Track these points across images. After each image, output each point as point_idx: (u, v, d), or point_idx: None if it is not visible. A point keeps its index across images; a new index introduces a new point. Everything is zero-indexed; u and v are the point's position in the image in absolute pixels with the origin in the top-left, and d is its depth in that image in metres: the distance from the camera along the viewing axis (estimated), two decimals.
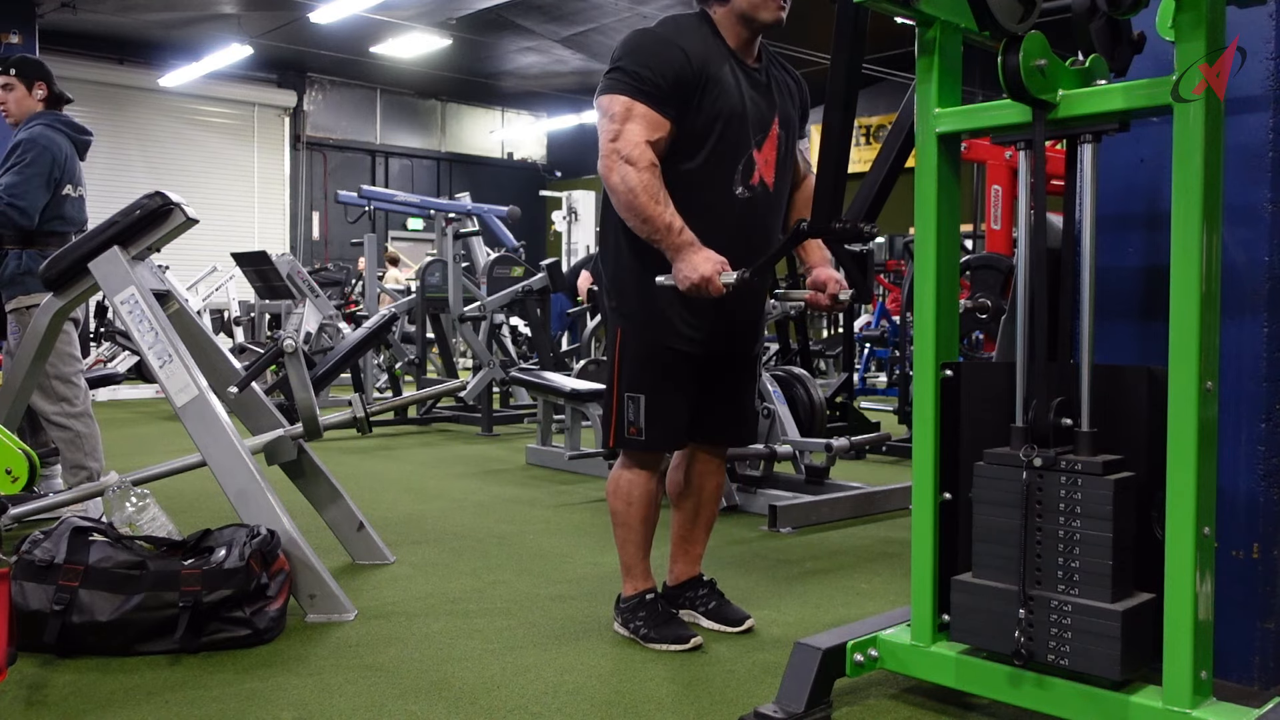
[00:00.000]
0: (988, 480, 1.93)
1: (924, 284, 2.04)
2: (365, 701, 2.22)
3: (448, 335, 7.94)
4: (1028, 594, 1.85)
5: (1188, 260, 1.69)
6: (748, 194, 2.44)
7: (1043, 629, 1.83)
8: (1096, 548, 1.78)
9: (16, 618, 2.29)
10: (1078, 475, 1.81)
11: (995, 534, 1.91)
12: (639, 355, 2.50)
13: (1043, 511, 1.85)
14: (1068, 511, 1.82)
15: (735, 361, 2.61)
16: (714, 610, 2.72)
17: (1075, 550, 1.81)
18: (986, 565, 1.93)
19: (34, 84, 3.93)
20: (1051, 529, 1.84)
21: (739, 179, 2.43)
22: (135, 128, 14.80)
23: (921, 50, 2.00)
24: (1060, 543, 1.83)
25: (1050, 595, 1.83)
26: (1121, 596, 1.78)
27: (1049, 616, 1.83)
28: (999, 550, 1.90)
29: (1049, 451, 1.84)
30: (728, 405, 2.63)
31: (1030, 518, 1.85)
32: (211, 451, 2.81)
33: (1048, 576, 1.84)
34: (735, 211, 2.44)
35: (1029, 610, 1.84)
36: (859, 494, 4.29)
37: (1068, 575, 1.82)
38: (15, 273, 3.75)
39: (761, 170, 2.46)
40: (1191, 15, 1.68)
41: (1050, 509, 1.84)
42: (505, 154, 19.59)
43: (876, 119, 15.18)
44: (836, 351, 9.53)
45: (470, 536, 3.82)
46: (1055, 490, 1.83)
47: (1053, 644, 1.82)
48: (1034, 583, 1.85)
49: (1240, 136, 1.99)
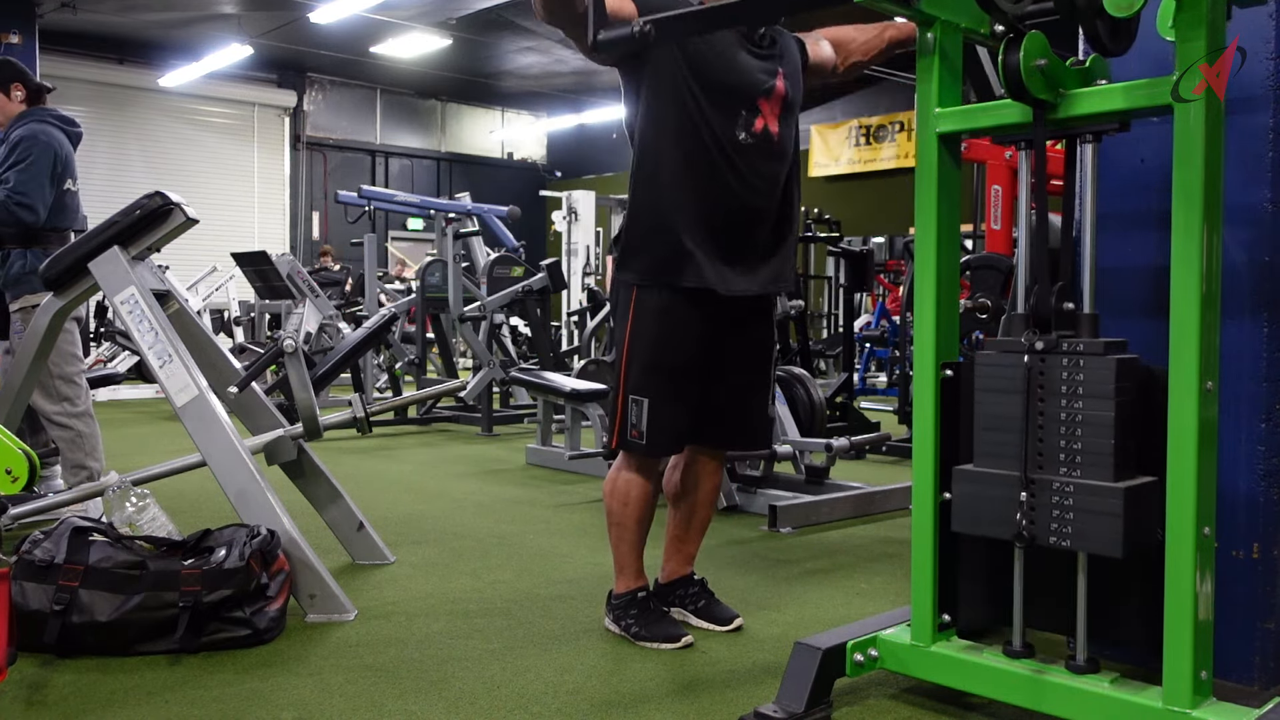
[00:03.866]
0: (989, 367, 1.92)
1: (924, 284, 2.04)
2: (365, 701, 2.22)
3: (448, 335, 7.94)
4: (1030, 477, 1.84)
5: (1188, 260, 1.69)
6: (750, 140, 2.47)
7: (1045, 512, 1.82)
8: (1099, 428, 1.77)
9: (16, 618, 2.30)
10: (1079, 356, 1.80)
11: (997, 421, 1.90)
12: (646, 356, 2.50)
13: (1045, 395, 1.84)
14: (1070, 394, 1.80)
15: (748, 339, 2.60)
16: (704, 609, 2.73)
17: (1077, 431, 1.80)
18: (988, 454, 1.92)
19: (9, 87, 3.85)
20: (1054, 412, 1.82)
21: (740, 124, 2.45)
22: (135, 128, 14.80)
23: (921, 50, 2.01)
24: (1062, 425, 1.81)
25: (1052, 478, 1.82)
26: (1124, 476, 1.77)
27: (1051, 499, 1.81)
28: (1001, 437, 1.89)
29: (1050, 335, 1.83)
30: (737, 411, 2.63)
31: (1032, 401, 1.84)
32: (211, 451, 2.81)
33: (1049, 460, 1.83)
34: (739, 155, 2.46)
35: (1031, 494, 1.83)
36: (859, 494, 4.29)
37: (1070, 457, 1.81)
38: (21, 272, 3.75)
39: (765, 119, 2.49)
40: (1191, 15, 1.68)
41: (1052, 392, 1.83)
42: (505, 154, 19.58)
43: (877, 119, 15.18)
44: (836, 351, 9.54)
45: (470, 536, 3.82)
46: (1057, 373, 1.82)
47: (1054, 525, 1.81)
48: (1036, 467, 1.84)
49: (1240, 136, 1.99)
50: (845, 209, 13.32)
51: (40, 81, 3.96)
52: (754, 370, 2.64)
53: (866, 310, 11.51)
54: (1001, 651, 1.96)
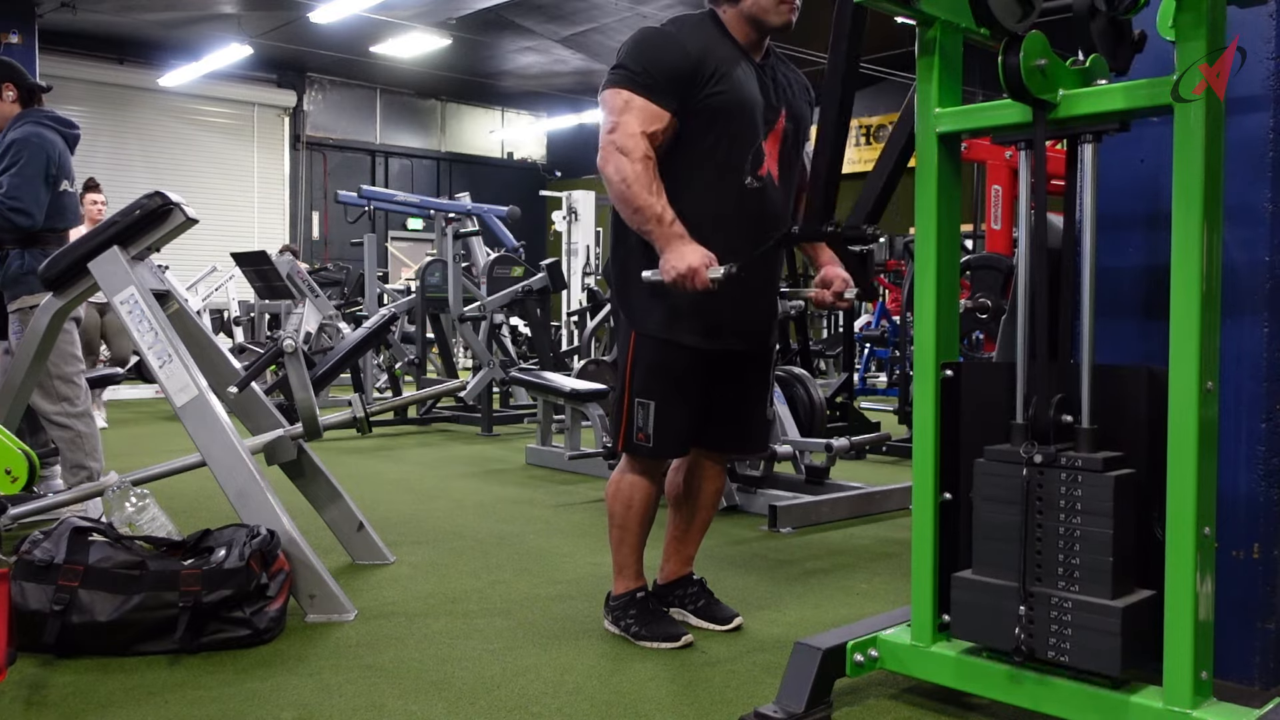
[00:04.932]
0: (988, 477, 1.92)
1: (924, 284, 2.04)
2: (365, 701, 2.22)
3: (448, 335, 7.94)
4: (1028, 590, 1.85)
5: (1188, 260, 1.69)
6: (757, 184, 2.45)
7: (1043, 626, 1.83)
8: (1097, 544, 1.78)
9: (16, 618, 2.30)
10: (1078, 471, 1.80)
11: (996, 530, 1.91)
12: (651, 361, 2.50)
13: (1043, 508, 1.85)
14: (1068, 508, 1.81)
15: (747, 364, 2.61)
16: (703, 609, 2.73)
17: (1076, 547, 1.81)
18: (987, 562, 1.93)
19: (1, 88, 3.80)
20: (1052, 525, 1.84)
21: (748, 169, 2.44)
22: (135, 128, 14.80)
23: (921, 50, 2.00)
24: (1061, 539, 1.82)
25: (1051, 592, 1.83)
26: (1122, 593, 1.78)
27: (1049, 613, 1.83)
28: (999, 547, 1.90)
29: (1049, 448, 1.84)
30: (737, 416, 2.63)
31: (1030, 514, 1.85)
32: (211, 451, 2.81)
33: (1048, 573, 1.84)
34: (747, 201, 2.45)
35: (1029, 607, 1.84)
36: (859, 494, 4.29)
37: (1068, 572, 1.82)
38: (18, 272, 3.74)
39: (769, 162, 2.47)
40: (1192, 15, 1.67)
41: (1051, 505, 1.84)
42: (505, 154, 19.59)
43: (877, 119, 15.18)
44: (836, 351, 9.54)
45: (470, 536, 3.82)
46: (1056, 486, 1.83)
47: (1053, 640, 1.82)
48: (1034, 579, 1.85)
49: (1240, 136, 1.98)
50: (845, 209, 13.27)
51: (35, 81, 3.93)
52: (755, 373, 2.65)
53: (866, 310, 11.50)
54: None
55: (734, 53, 2.44)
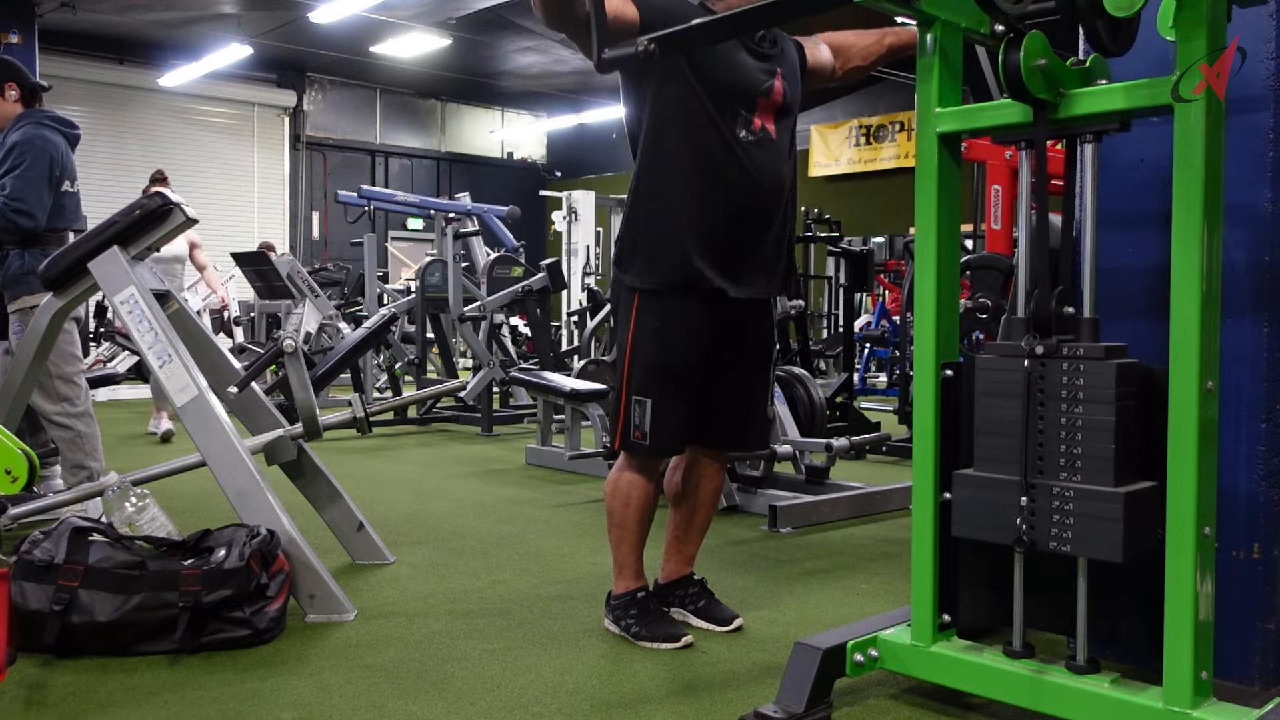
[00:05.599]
0: (989, 372, 1.91)
1: (924, 284, 2.04)
2: (365, 701, 2.22)
3: (448, 335, 7.94)
4: (1030, 482, 1.84)
5: (1188, 260, 1.69)
6: (751, 138, 2.48)
7: (1045, 517, 1.82)
8: (1099, 432, 1.77)
9: (16, 618, 2.30)
10: (1080, 361, 1.80)
11: (997, 425, 1.90)
12: (653, 341, 2.50)
13: (1045, 399, 1.84)
14: (1070, 398, 1.80)
15: (748, 342, 2.60)
16: (703, 609, 2.73)
17: (1078, 436, 1.80)
18: (988, 458, 1.92)
19: (3, 87, 3.80)
20: (1054, 417, 1.82)
21: (740, 123, 2.46)
22: (135, 128, 14.80)
23: (921, 50, 2.01)
24: (1063, 430, 1.81)
25: (1052, 483, 1.82)
26: (1124, 481, 1.77)
27: (1051, 503, 1.81)
28: (1001, 442, 1.89)
29: (1050, 339, 1.83)
30: (736, 414, 2.63)
31: (1032, 406, 1.84)
32: (211, 451, 2.81)
33: (1050, 464, 1.83)
34: (741, 153, 2.47)
35: (1031, 499, 1.83)
36: (859, 494, 4.30)
37: (1070, 462, 1.81)
38: (19, 273, 3.74)
39: (762, 117, 2.50)
40: (1192, 15, 1.68)
41: (1053, 397, 1.83)
42: (505, 154, 19.58)
43: (877, 119, 15.18)
44: (836, 351, 9.54)
45: (470, 536, 3.82)
46: (1057, 377, 1.82)
47: (1055, 531, 1.81)
48: (1036, 471, 1.84)
49: (1240, 136, 1.99)
50: (845, 209, 13.31)
51: (36, 81, 3.94)
52: (754, 371, 2.65)
53: (866, 310, 11.51)
54: (1001, 651, 1.96)
55: None
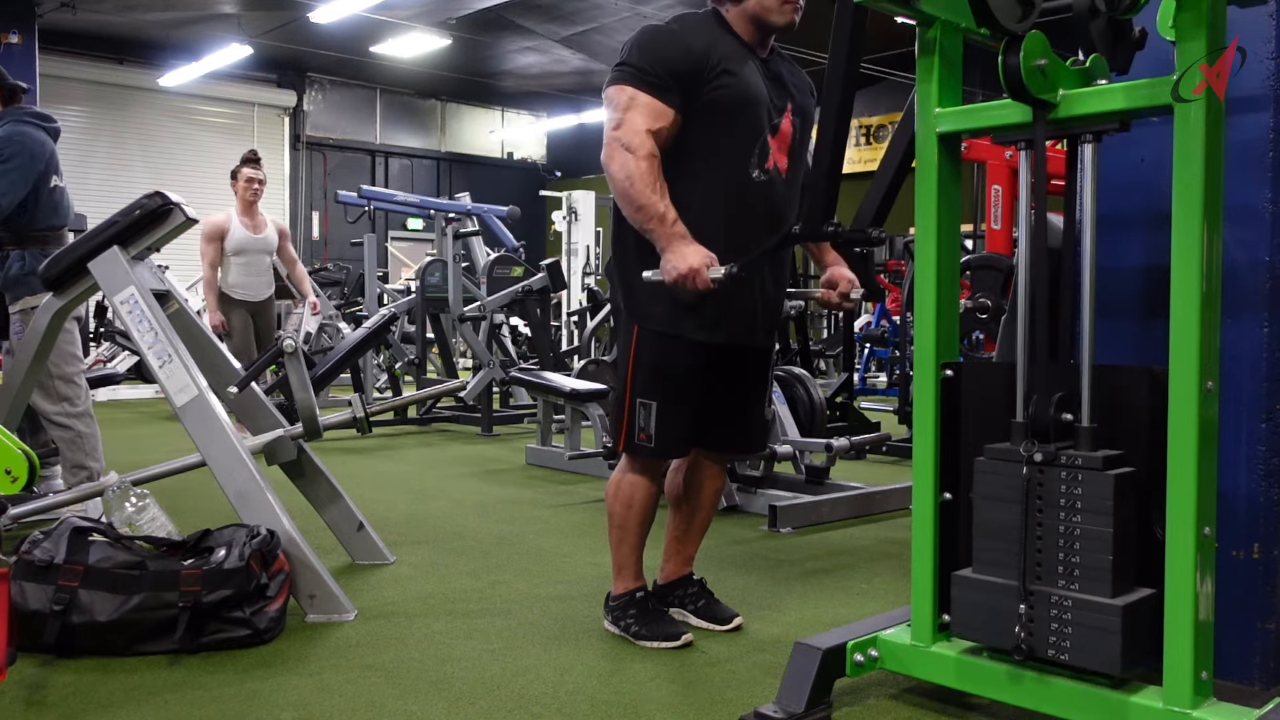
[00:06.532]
0: (988, 475, 1.92)
1: (924, 284, 2.04)
2: (365, 701, 2.22)
3: (448, 335, 7.94)
4: (1028, 589, 1.85)
5: (1188, 260, 1.69)
6: (764, 177, 2.46)
7: (1043, 624, 1.83)
8: (1097, 542, 1.78)
9: (16, 618, 2.30)
10: (1078, 470, 1.80)
11: (996, 529, 1.91)
12: (654, 360, 2.49)
13: (1043, 506, 1.85)
14: (1068, 506, 1.81)
15: (749, 362, 2.61)
16: (703, 609, 2.73)
17: (1076, 545, 1.81)
18: (987, 560, 1.93)
19: None
20: (1052, 524, 1.84)
21: (754, 163, 2.44)
22: (135, 128, 14.80)
23: (922, 50, 2.00)
24: (1061, 538, 1.82)
25: (1051, 590, 1.83)
26: (1122, 591, 1.78)
27: (1049, 611, 1.83)
28: (999, 545, 1.90)
29: (1049, 446, 1.84)
30: (738, 416, 2.63)
31: (1031, 513, 1.85)
32: (211, 451, 2.81)
33: (1048, 571, 1.84)
34: (753, 195, 2.45)
35: (1029, 605, 1.84)
36: (859, 494, 4.29)
37: (1068, 570, 1.82)
38: (20, 273, 3.74)
39: (775, 155, 2.48)
40: (1192, 15, 1.68)
41: (1051, 504, 1.84)
42: (505, 154, 19.58)
43: (877, 119, 15.17)
44: (836, 351, 9.54)
45: (470, 536, 3.82)
46: (1056, 485, 1.83)
47: (1053, 639, 1.82)
48: (1034, 578, 1.85)
49: (1240, 136, 1.98)
50: (845, 209, 13.28)
51: (15, 82, 3.93)
52: (755, 374, 2.65)
53: (866, 310, 11.50)
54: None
55: (738, 49, 2.45)
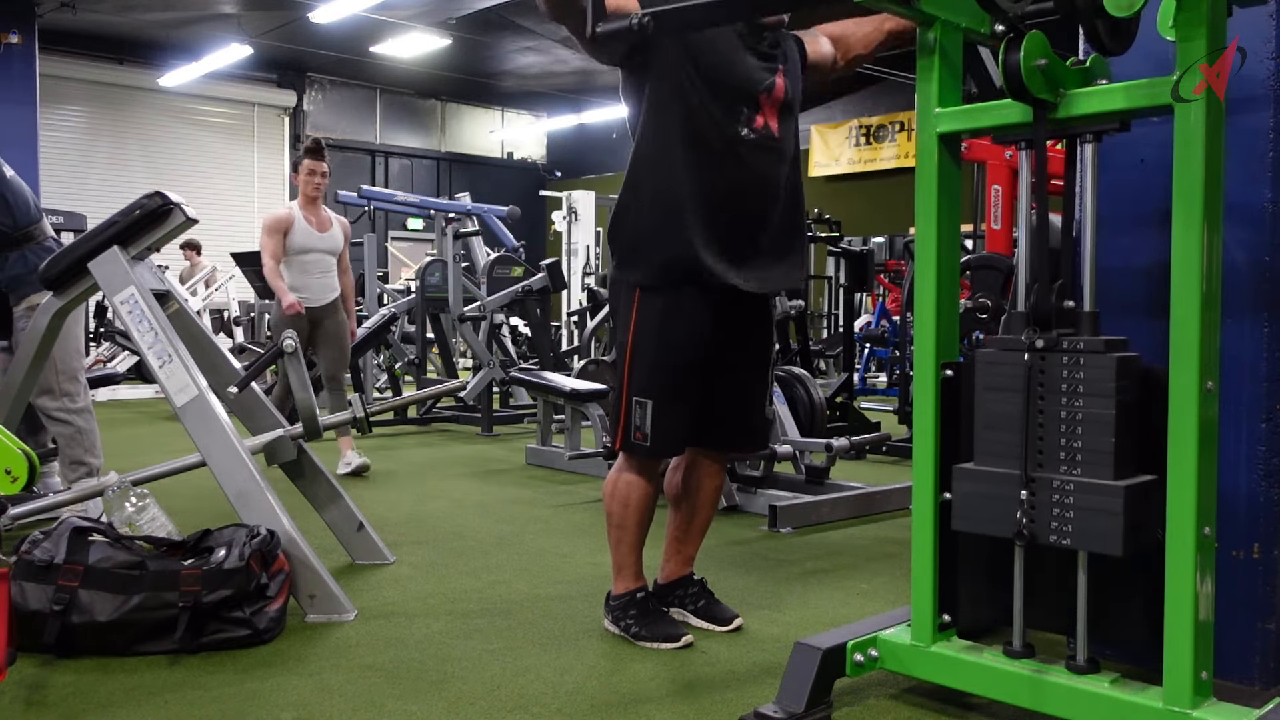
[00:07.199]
0: (990, 365, 1.91)
1: (924, 284, 2.04)
2: (365, 701, 2.22)
3: (448, 335, 7.94)
4: (1030, 476, 1.84)
5: (1188, 260, 1.69)
6: (753, 135, 2.47)
7: (1045, 510, 1.82)
8: (1099, 425, 1.77)
9: (16, 618, 2.30)
10: (1080, 355, 1.80)
11: (997, 419, 1.90)
12: (655, 336, 2.49)
13: (1045, 393, 1.84)
14: (1070, 392, 1.80)
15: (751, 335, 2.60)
16: (703, 609, 2.73)
17: (1078, 430, 1.80)
18: (988, 452, 1.92)
19: None
20: (1054, 410, 1.83)
21: (743, 120, 2.46)
22: (135, 128, 14.80)
23: (922, 50, 2.01)
24: (1063, 423, 1.81)
25: (1053, 476, 1.82)
26: (1124, 475, 1.77)
27: (1051, 497, 1.81)
28: (1001, 436, 1.89)
29: (1050, 333, 1.83)
30: (736, 415, 2.63)
31: (1032, 400, 1.84)
32: (211, 451, 2.81)
33: (1050, 458, 1.83)
34: (742, 151, 2.46)
35: (1031, 492, 1.83)
36: (859, 494, 4.29)
37: (1070, 455, 1.81)
38: (22, 272, 3.74)
39: (765, 115, 2.49)
40: (1192, 15, 1.68)
41: (1053, 390, 1.83)
42: (505, 154, 19.58)
43: (877, 119, 15.18)
44: (836, 351, 9.54)
45: (470, 536, 3.82)
46: (1058, 371, 1.82)
47: (1054, 524, 1.81)
48: (1036, 465, 1.84)
49: (1240, 136, 1.99)
50: (845, 209, 13.32)
51: None
52: (754, 371, 2.65)
53: (866, 310, 11.51)
54: (1001, 651, 1.96)
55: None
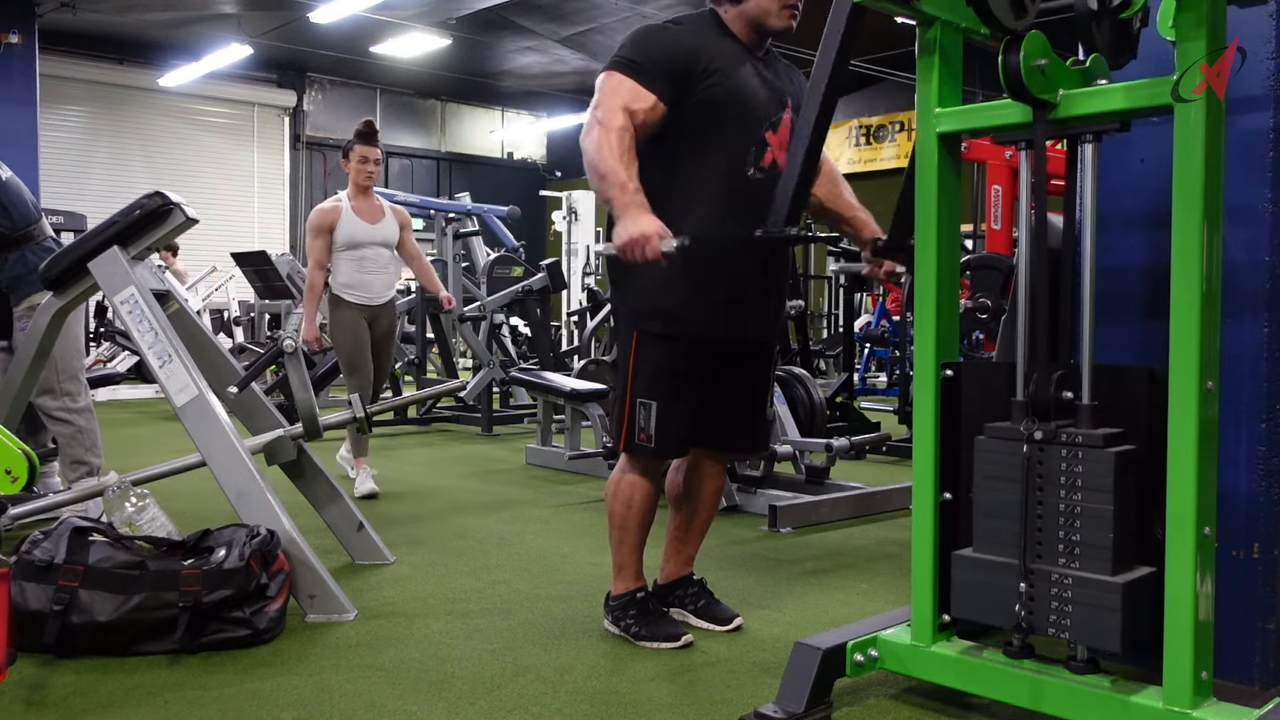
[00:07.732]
0: (988, 454, 1.92)
1: (924, 284, 2.04)
2: (365, 701, 2.22)
3: (448, 335, 7.94)
4: (1029, 568, 1.84)
5: (1188, 260, 1.69)
6: (760, 175, 2.46)
7: (1043, 602, 1.83)
8: (1097, 520, 1.78)
9: (16, 618, 2.30)
10: (1079, 448, 1.80)
11: (996, 508, 1.90)
12: (654, 360, 2.49)
13: (1044, 485, 1.84)
14: (1069, 484, 1.81)
15: (749, 361, 2.61)
16: (703, 609, 2.73)
17: (1076, 523, 1.80)
18: (987, 540, 1.93)
19: None
20: (1052, 502, 1.83)
21: (750, 160, 2.45)
22: (135, 128, 14.79)
23: (922, 50, 2.00)
24: (1061, 516, 1.82)
25: (1051, 569, 1.82)
26: (1122, 570, 1.78)
27: (1050, 590, 1.82)
28: (1000, 525, 1.90)
29: (1049, 424, 1.83)
30: (738, 416, 2.63)
31: (1031, 491, 1.85)
32: (211, 451, 2.81)
33: (1049, 550, 1.84)
34: (749, 192, 2.44)
35: (1030, 584, 1.83)
36: (859, 494, 4.29)
37: (1069, 548, 1.81)
38: (22, 272, 3.74)
39: (774, 153, 2.48)
40: (1192, 15, 1.68)
41: (1051, 482, 1.83)
42: (505, 154, 19.58)
43: (877, 119, 15.18)
44: (836, 351, 9.54)
45: (470, 536, 3.82)
46: (1056, 463, 1.82)
47: (1053, 617, 1.82)
48: (1035, 556, 1.85)
49: (1240, 136, 1.98)
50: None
51: None
52: (755, 373, 2.64)
53: (866, 310, 11.51)
54: (1001, 652, 1.96)
55: (734, 48, 2.46)
